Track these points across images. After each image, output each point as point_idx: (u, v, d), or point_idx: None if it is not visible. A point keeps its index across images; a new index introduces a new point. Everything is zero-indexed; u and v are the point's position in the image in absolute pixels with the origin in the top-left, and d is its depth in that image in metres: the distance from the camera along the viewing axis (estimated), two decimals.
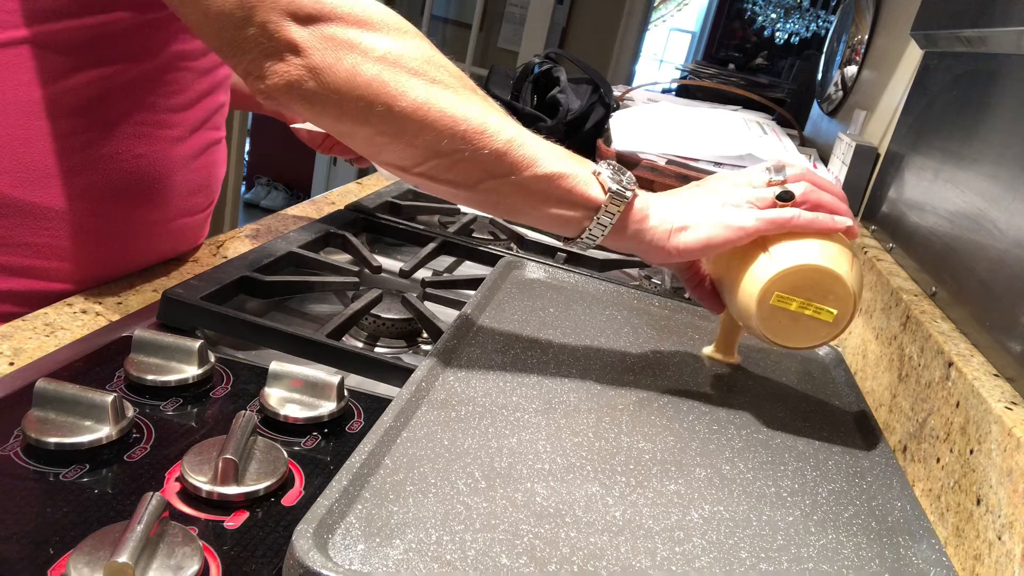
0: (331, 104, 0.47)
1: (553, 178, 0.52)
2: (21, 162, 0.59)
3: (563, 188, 0.52)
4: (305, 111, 0.48)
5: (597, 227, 0.53)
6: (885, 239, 0.96)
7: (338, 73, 0.46)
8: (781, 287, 0.51)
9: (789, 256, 0.52)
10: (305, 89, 0.46)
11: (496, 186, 0.51)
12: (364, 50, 0.46)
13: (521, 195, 0.52)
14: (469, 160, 0.49)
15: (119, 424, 0.45)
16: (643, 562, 0.39)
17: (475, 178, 0.51)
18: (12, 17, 0.56)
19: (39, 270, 0.62)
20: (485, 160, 0.49)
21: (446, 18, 3.42)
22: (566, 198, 0.52)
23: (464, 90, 0.50)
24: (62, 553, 0.37)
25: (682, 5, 5.44)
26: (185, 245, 0.75)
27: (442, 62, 0.49)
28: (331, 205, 1.03)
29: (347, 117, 0.47)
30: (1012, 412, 0.50)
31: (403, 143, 0.49)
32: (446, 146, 0.48)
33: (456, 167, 0.50)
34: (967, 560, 0.49)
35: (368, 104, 0.46)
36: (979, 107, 0.77)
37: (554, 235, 0.62)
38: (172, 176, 0.67)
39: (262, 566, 0.38)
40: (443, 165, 0.50)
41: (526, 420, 0.50)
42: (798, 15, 3.92)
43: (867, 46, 1.42)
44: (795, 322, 0.52)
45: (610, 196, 0.52)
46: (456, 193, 0.52)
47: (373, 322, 0.70)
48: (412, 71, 0.47)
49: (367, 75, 0.46)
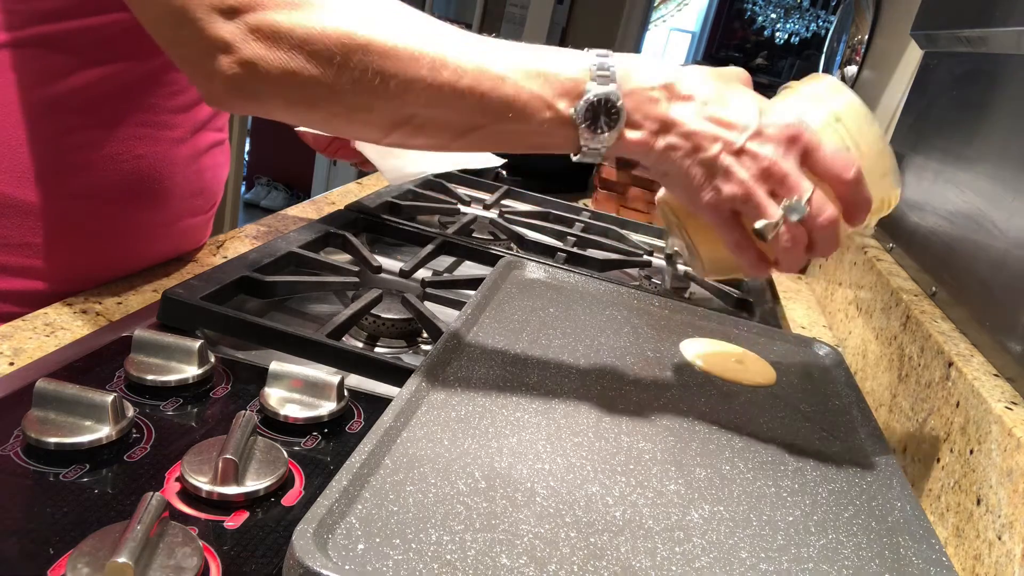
0: (275, 96, 0.45)
1: (531, 103, 0.47)
2: (22, 162, 0.59)
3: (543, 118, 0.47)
4: (253, 108, 0.46)
5: (593, 137, 0.48)
6: (885, 239, 0.96)
7: (272, 63, 0.44)
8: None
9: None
10: (245, 86, 0.44)
11: (472, 140, 0.49)
12: (291, 34, 0.44)
13: (502, 135, 0.49)
14: (431, 123, 0.47)
15: (119, 424, 0.45)
16: (643, 562, 0.39)
17: (446, 139, 0.49)
18: (13, 18, 0.56)
19: (39, 270, 0.62)
20: (453, 117, 0.47)
21: (446, 18, 3.42)
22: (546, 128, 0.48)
23: (417, 37, 0.46)
24: (62, 553, 0.37)
25: (682, 5, 5.44)
26: (187, 246, 0.75)
27: (390, 17, 0.46)
28: (331, 205, 1.03)
29: (295, 106, 0.46)
30: (1012, 412, 0.50)
31: (359, 122, 0.47)
32: (402, 117, 0.47)
33: (421, 131, 0.48)
34: (967, 560, 0.49)
35: (309, 90, 0.45)
36: (979, 107, 0.77)
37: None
38: (173, 177, 0.67)
39: (262, 566, 0.38)
40: (408, 131, 0.48)
41: (526, 420, 0.50)
42: (798, 15, 3.92)
43: (867, 46, 1.42)
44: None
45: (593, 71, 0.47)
46: (440, 145, 0.50)
47: (373, 322, 0.70)
48: (351, 47, 0.45)
49: (298, 60, 0.44)
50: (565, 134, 0.48)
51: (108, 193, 0.63)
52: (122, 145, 0.62)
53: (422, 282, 0.78)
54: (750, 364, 0.65)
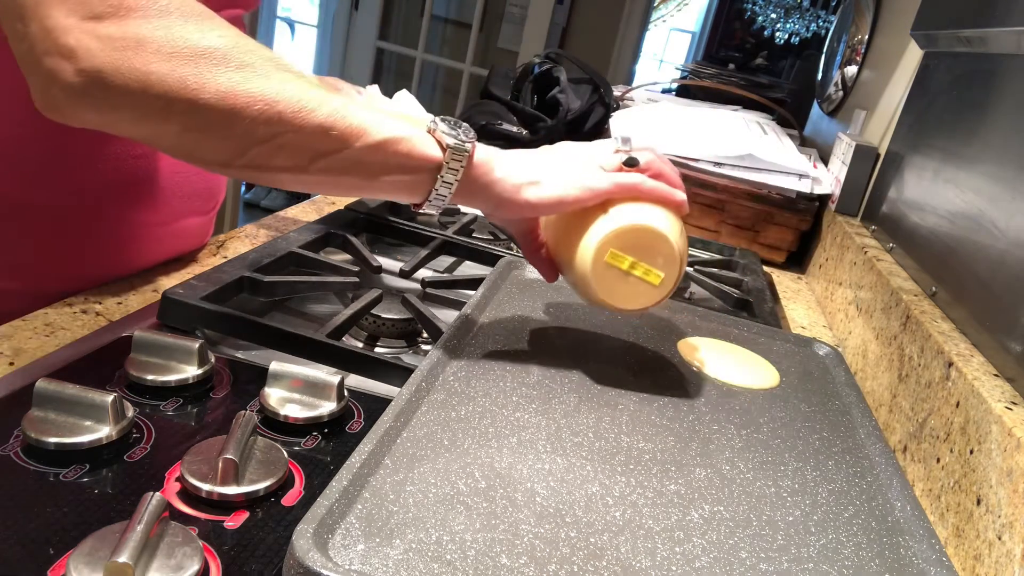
0: (125, 108, 0.43)
1: (387, 144, 0.49)
2: (22, 162, 0.59)
3: (400, 153, 0.49)
4: (95, 119, 0.44)
5: (443, 186, 0.51)
6: (885, 239, 0.96)
7: (127, 74, 0.41)
8: (617, 244, 0.53)
9: (628, 216, 0.54)
10: (91, 96, 0.42)
11: (328, 165, 0.48)
12: (156, 45, 0.42)
13: (357, 169, 0.49)
14: (292, 142, 0.46)
15: (119, 424, 0.45)
16: (643, 562, 0.39)
17: (304, 160, 0.47)
18: None
19: (39, 270, 0.62)
20: (309, 139, 0.46)
21: (446, 18, 3.43)
22: (405, 164, 0.50)
23: (275, 70, 0.46)
24: (62, 553, 0.37)
25: (682, 5, 5.44)
26: (188, 246, 0.75)
27: (249, 46, 0.46)
28: (331, 205, 1.03)
29: (146, 119, 0.44)
30: (1012, 412, 0.50)
31: (216, 136, 0.45)
32: (263, 132, 0.45)
33: (280, 152, 0.46)
34: (967, 560, 0.49)
35: (168, 102, 0.42)
36: (979, 107, 0.77)
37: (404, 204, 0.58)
38: (173, 178, 0.67)
39: (262, 566, 0.38)
40: (265, 152, 0.46)
41: (526, 420, 0.50)
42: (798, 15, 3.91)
43: (867, 46, 1.42)
44: (625, 282, 0.54)
45: (450, 152, 0.50)
46: (291, 179, 0.49)
47: (373, 322, 0.70)
48: (215, 60, 0.43)
49: (162, 71, 0.42)
50: (422, 158, 0.50)
51: (107, 193, 0.63)
52: (121, 145, 0.62)
53: (422, 282, 0.78)
54: (754, 369, 0.65)
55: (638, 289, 0.55)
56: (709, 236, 1.22)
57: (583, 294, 0.57)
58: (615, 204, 0.55)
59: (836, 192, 1.17)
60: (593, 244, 0.54)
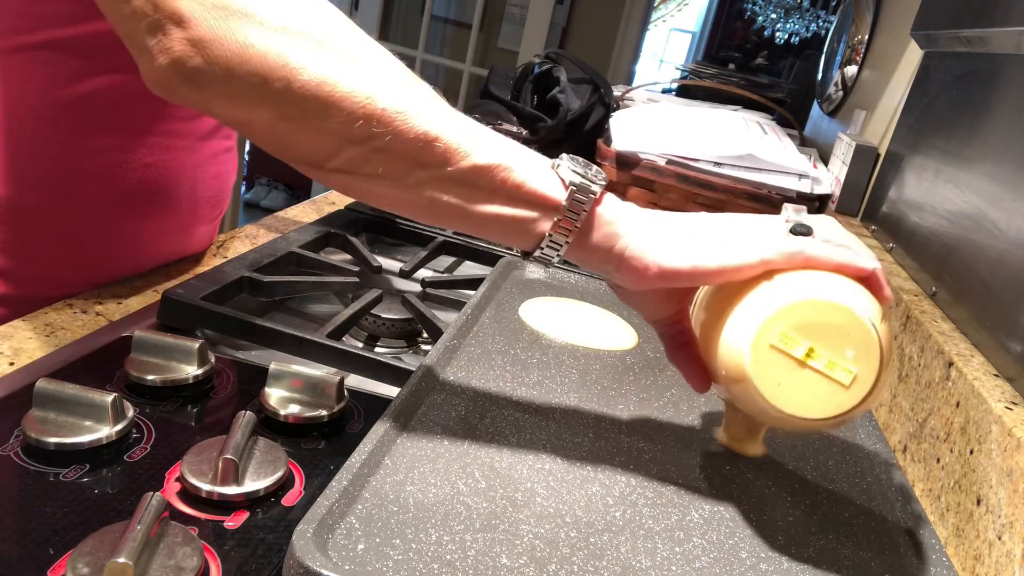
0: (219, 83, 0.40)
1: (498, 169, 0.43)
2: (31, 168, 0.59)
3: (512, 182, 0.44)
4: (193, 96, 0.41)
5: (559, 232, 0.44)
6: (885, 239, 0.96)
7: (227, 45, 0.39)
8: (788, 322, 0.40)
9: (802, 287, 0.41)
10: (190, 67, 0.39)
11: (427, 179, 0.43)
12: (259, 19, 0.39)
13: (459, 190, 0.43)
14: (390, 148, 0.42)
15: (119, 424, 0.45)
16: (643, 562, 0.39)
17: (401, 170, 0.43)
18: (23, 22, 0.56)
19: (46, 276, 0.62)
20: (410, 147, 0.42)
21: (446, 18, 3.42)
22: (516, 194, 0.44)
23: (380, 64, 0.43)
24: (62, 553, 0.37)
25: (682, 5, 5.45)
26: (191, 251, 0.75)
27: (354, 33, 0.43)
28: (331, 205, 1.03)
29: (240, 99, 0.41)
30: (1012, 412, 0.50)
31: (309, 128, 0.41)
32: (360, 129, 0.41)
33: (375, 157, 0.42)
34: (967, 560, 0.49)
35: (263, 80, 0.39)
36: (979, 107, 0.77)
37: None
38: (182, 185, 0.67)
39: (262, 566, 0.38)
40: (361, 155, 0.42)
41: (526, 420, 0.50)
42: (798, 15, 3.92)
43: (867, 46, 1.42)
44: (799, 379, 0.41)
45: (572, 192, 0.44)
46: (386, 194, 0.44)
47: (373, 322, 0.70)
48: (316, 41, 0.40)
49: (261, 46, 0.39)
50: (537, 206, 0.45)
51: (116, 200, 0.63)
52: (131, 153, 0.62)
53: (422, 282, 0.78)
54: None
55: (819, 390, 0.40)
56: None
57: (741, 399, 0.44)
58: (784, 274, 0.42)
59: (836, 192, 1.17)
60: (754, 323, 0.41)
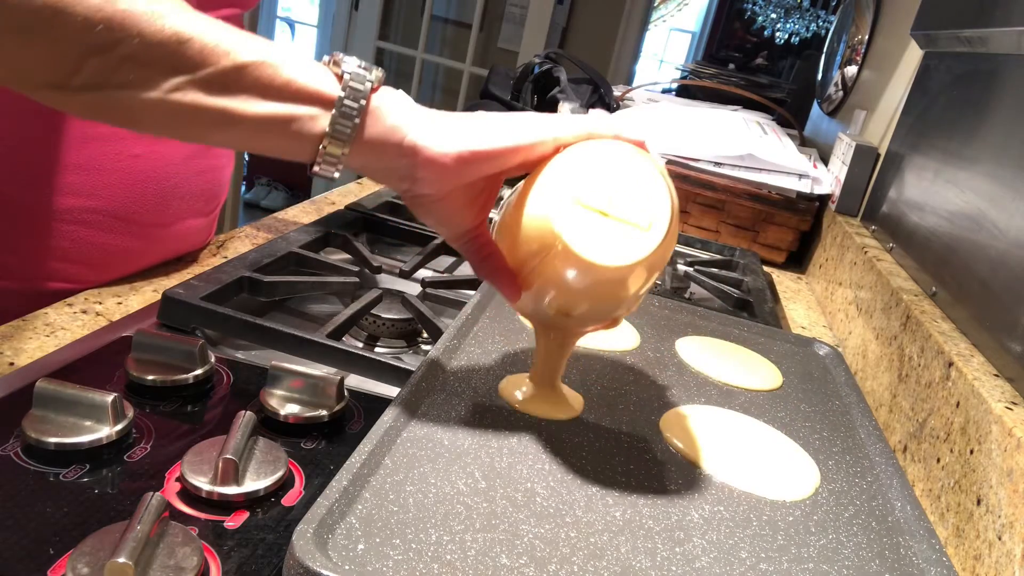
0: None
1: (263, 67, 0.39)
2: (23, 163, 0.59)
3: (280, 79, 0.39)
4: None
5: (339, 125, 0.40)
6: (885, 239, 0.96)
7: None
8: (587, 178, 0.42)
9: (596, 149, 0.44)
10: None
11: (184, 84, 0.38)
12: None
13: (222, 94, 0.39)
14: (138, 54, 0.37)
15: (119, 424, 0.45)
16: (643, 562, 0.39)
17: (153, 78, 0.38)
18: None
19: (41, 271, 0.62)
20: (161, 51, 0.37)
21: (446, 18, 3.42)
22: (285, 91, 0.40)
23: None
24: (62, 553, 0.37)
25: (682, 5, 5.44)
26: (189, 248, 0.75)
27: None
28: (331, 205, 1.03)
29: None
30: (1012, 412, 0.50)
31: (41, 42, 0.36)
32: (101, 35, 0.36)
33: (124, 66, 0.37)
34: (967, 560, 0.49)
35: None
36: (979, 107, 0.77)
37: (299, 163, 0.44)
38: (173, 178, 0.67)
39: (262, 566, 0.38)
40: (106, 64, 0.37)
41: (526, 420, 0.50)
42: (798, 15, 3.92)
43: (867, 46, 1.42)
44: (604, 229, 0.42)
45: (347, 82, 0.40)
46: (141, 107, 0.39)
47: (373, 322, 0.70)
48: None
49: None
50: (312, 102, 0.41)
51: (106, 192, 0.63)
52: (121, 145, 0.62)
53: (422, 282, 0.78)
54: (756, 370, 0.65)
55: (623, 237, 0.42)
56: (709, 236, 1.22)
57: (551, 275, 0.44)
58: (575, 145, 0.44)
59: (836, 192, 1.17)
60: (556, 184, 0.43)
